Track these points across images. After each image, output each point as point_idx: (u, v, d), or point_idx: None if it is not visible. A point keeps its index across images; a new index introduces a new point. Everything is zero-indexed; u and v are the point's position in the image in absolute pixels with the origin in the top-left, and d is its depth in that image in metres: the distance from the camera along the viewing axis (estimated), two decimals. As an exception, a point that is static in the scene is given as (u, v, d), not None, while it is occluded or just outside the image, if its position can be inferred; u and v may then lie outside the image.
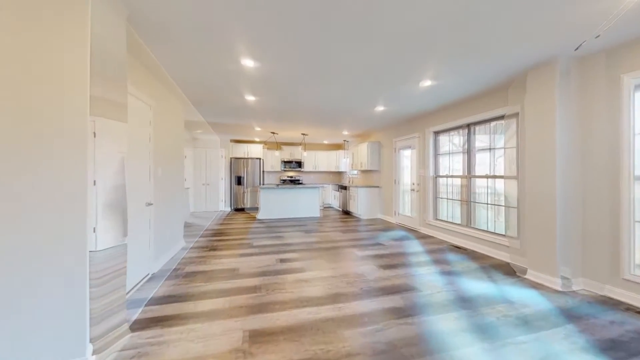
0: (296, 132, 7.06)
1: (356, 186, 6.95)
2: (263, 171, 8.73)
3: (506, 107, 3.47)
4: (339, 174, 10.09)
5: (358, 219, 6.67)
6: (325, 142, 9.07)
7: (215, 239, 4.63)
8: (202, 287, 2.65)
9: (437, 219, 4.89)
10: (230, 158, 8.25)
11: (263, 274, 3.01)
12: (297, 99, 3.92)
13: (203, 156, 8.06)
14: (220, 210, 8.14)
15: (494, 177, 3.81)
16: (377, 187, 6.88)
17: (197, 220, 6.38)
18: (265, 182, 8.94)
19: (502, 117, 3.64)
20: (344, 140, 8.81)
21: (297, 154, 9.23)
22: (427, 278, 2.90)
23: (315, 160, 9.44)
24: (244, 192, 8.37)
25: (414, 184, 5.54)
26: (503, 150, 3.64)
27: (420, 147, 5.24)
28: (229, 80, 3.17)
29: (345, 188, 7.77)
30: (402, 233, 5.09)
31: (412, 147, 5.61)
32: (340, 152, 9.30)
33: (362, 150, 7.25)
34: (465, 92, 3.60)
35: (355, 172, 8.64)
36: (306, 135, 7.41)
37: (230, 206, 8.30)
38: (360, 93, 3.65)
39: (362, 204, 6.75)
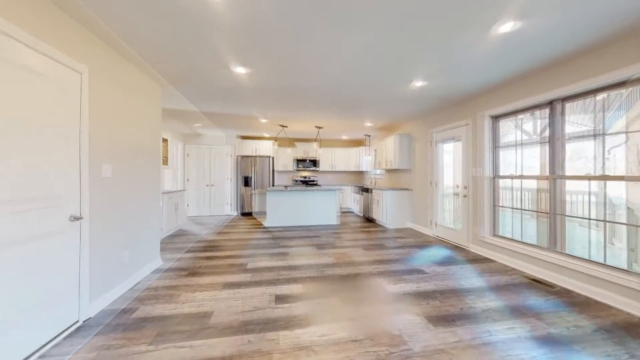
0: (309, 125, 5.98)
1: (380, 188, 5.74)
2: (273, 171, 7.76)
3: (632, 67, 2.14)
4: (360, 174, 8.88)
5: (383, 229, 5.45)
6: (344, 137, 7.91)
7: (204, 255, 3.67)
8: (140, 358, 1.64)
9: (496, 236, 3.58)
10: (237, 156, 7.35)
11: (245, 326, 1.96)
12: (302, 68, 2.82)
13: (207, 154, 7.24)
14: (225, 215, 7.28)
15: (604, 178, 2.47)
16: (407, 189, 5.61)
17: (194, 228, 5.51)
18: (275, 183, 7.97)
19: (621, 84, 2.30)
20: (366, 135, 7.60)
21: (312, 151, 8.16)
22: (516, 352, 1.68)
23: (333, 159, 8.32)
24: (251, 195, 7.44)
25: (458, 186, 4.25)
26: (624, 135, 2.30)
27: (470, 138, 3.94)
28: (197, 32, 2.15)
29: (367, 190, 6.57)
30: (444, 252, 3.83)
31: (456, 138, 4.31)
32: (361, 149, 8.10)
33: (388, 145, 6.02)
34: (561, 44, 2.31)
35: (380, 171, 7.40)
36: (321, 128, 6.31)
37: (237, 210, 7.40)
38: (394, 52, 2.48)
39: (388, 210, 5.52)
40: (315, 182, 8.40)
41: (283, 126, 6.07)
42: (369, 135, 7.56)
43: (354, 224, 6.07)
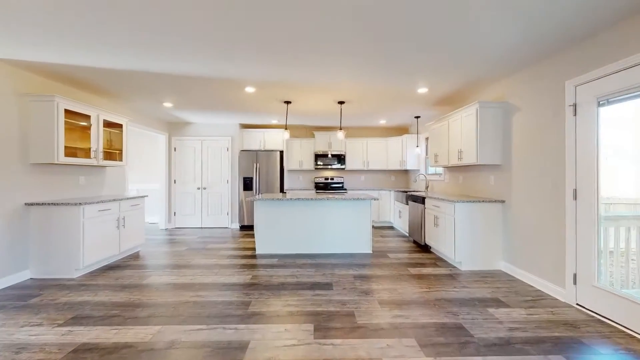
0: (326, 98, 3.86)
1: (444, 198, 3.32)
2: (283, 170, 5.79)
3: None
4: (405, 173, 6.43)
5: (451, 270, 3.05)
6: (382, 121, 5.58)
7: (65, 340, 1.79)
8: None
9: None
10: (240, 151, 5.55)
11: None
12: None
13: (197, 148, 5.57)
14: (221, 228, 5.54)
15: None
16: (498, 202, 3.10)
17: (153, 251, 3.78)
18: (286, 187, 5.98)
19: None
20: (415, 117, 5.16)
21: (337, 143, 5.99)
22: None
23: (365, 153, 6.03)
24: (253, 203, 5.56)
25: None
26: None
27: None
28: None
29: (417, 200, 4.17)
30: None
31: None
32: (407, 138, 5.68)
33: (456, 126, 3.57)
34: None
35: (440, 170, 4.93)
36: (343, 103, 4.11)
37: (237, 222, 5.60)
38: None
39: (459, 237, 3.10)
40: (340, 186, 6.20)
41: (287, 102, 4.02)
42: (418, 117, 5.11)
43: (396, 253, 3.74)
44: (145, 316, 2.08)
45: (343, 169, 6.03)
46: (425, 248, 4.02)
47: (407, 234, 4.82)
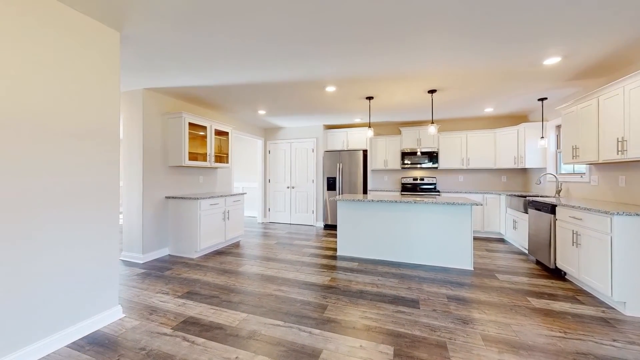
0: (414, 88, 3.42)
1: (587, 208, 2.34)
2: (365, 170, 5.57)
3: None
4: (523, 173, 5.09)
5: (605, 312, 2.12)
6: (488, 109, 4.57)
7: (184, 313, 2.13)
8: None
9: None
10: (324, 152, 5.72)
11: None
12: None
13: (287, 150, 6.05)
14: (306, 226, 5.82)
15: None
16: None
17: (250, 241, 4.28)
18: (369, 187, 5.72)
19: None
20: (540, 100, 3.97)
21: (428, 139, 5.32)
22: None
23: (464, 149, 5.10)
24: (336, 203, 5.59)
25: None
26: None
27: None
28: None
29: (544, 207, 3.16)
30: None
31: None
32: (524, 127, 4.44)
33: (623, 101, 2.49)
34: None
35: (579, 169, 3.67)
36: (434, 92, 3.55)
37: (322, 220, 5.77)
38: None
39: (620, 266, 2.11)
40: (431, 188, 5.47)
41: (369, 98, 3.80)
42: (543, 99, 3.89)
43: (509, 275, 2.93)
44: (236, 302, 2.31)
45: (435, 168, 5.29)
46: (555, 273, 3.00)
47: (526, 251, 3.75)
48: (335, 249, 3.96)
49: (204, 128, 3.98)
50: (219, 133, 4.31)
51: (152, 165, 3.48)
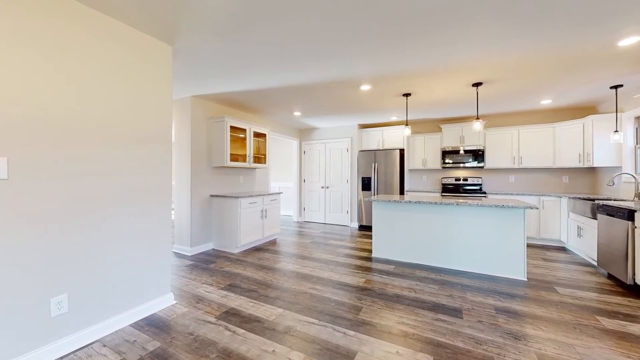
0: (455, 82, 3.21)
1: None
2: (403, 169, 5.36)
3: None
4: (591, 173, 4.45)
5: None
6: (545, 101, 4.07)
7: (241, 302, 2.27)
8: None
9: None
10: (359, 152, 5.67)
11: None
12: None
13: (322, 151, 6.10)
14: (340, 226, 5.81)
15: None
16: None
17: (286, 239, 4.41)
18: (406, 188, 5.50)
19: None
20: (613, 87, 3.42)
21: (472, 136, 4.93)
22: None
23: (515, 147, 4.63)
24: (371, 203, 5.49)
25: None
26: None
27: None
28: None
29: (619, 213, 2.72)
30: None
31: None
32: (595, 119, 3.87)
33: None
34: None
35: None
36: (480, 85, 3.27)
37: (356, 221, 5.72)
38: None
39: None
40: (477, 189, 5.06)
41: (406, 95, 3.66)
42: (618, 87, 3.33)
43: (573, 289, 2.58)
44: (273, 297, 2.39)
45: (481, 167, 4.88)
46: (634, 290, 2.56)
47: (595, 262, 3.26)
48: (370, 251, 3.89)
49: (243, 130, 4.20)
50: (257, 135, 4.52)
51: (198, 166, 3.79)
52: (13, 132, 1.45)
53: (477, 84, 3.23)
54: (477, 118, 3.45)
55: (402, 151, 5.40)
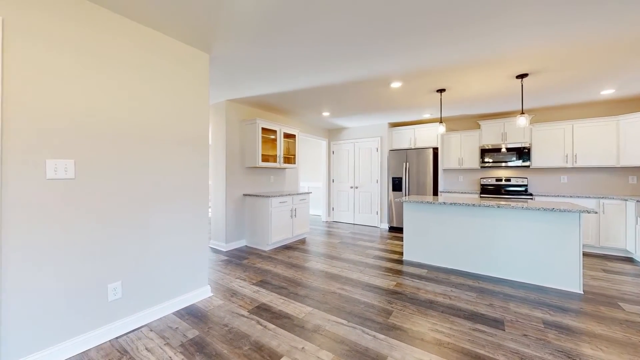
0: (496, 74, 2.98)
1: None
2: (436, 169, 5.10)
3: None
4: (662, 172, 3.83)
5: None
6: (606, 91, 3.60)
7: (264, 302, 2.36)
8: None
9: None
10: (389, 151, 5.54)
11: None
12: None
13: (351, 150, 6.06)
14: (370, 227, 5.72)
15: None
16: None
17: (315, 239, 4.45)
18: (440, 189, 5.22)
19: None
20: (694, 71, 2.90)
21: (516, 132, 4.54)
22: None
23: (568, 143, 4.15)
24: (402, 204, 5.31)
25: None
26: None
27: None
28: None
29: None
30: None
31: None
32: (671, 110, 3.31)
33: None
34: None
35: None
36: (525, 77, 2.99)
37: (386, 222, 5.59)
38: None
39: None
40: (522, 190, 4.64)
41: (440, 91, 3.48)
42: None
43: (634, 309, 2.24)
44: (302, 295, 2.43)
45: (527, 166, 4.46)
46: None
47: (671, 277, 2.80)
48: (401, 253, 3.76)
49: (274, 132, 4.33)
50: (287, 136, 4.63)
51: (232, 166, 3.99)
52: (78, 136, 1.66)
53: (521, 76, 2.96)
54: (522, 113, 3.16)
55: (435, 150, 5.14)
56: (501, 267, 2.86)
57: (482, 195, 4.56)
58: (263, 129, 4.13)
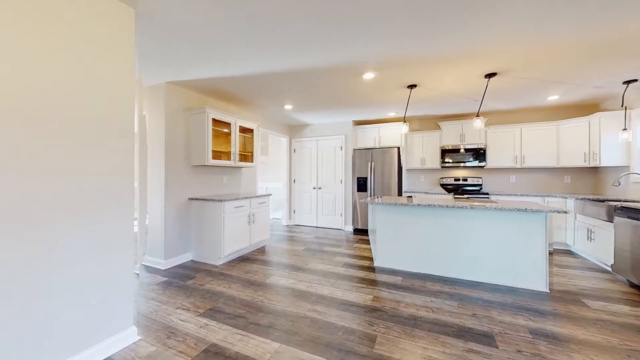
0: (468, 71, 2.90)
1: None
2: (401, 169, 5.04)
3: None
4: (593, 172, 4.31)
5: None
6: (553, 97, 3.88)
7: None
8: None
9: None
10: (354, 150, 5.29)
11: None
12: None
13: (313, 149, 5.68)
14: (334, 229, 5.41)
15: None
16: None
17: (276, 246, 3.94)
18: (404, 189, 5.19)
19: None
20: (627, 82, 3.24)
21: (473, 134, 4.69)
22: None
23: (517, 145, 4.42)
24: (367, 205, 5.13)
25: None
26: None
27: None
28: None
29: (648, 217, 2.50)
30: None
31: None
32: (603, 117, 3.71)
33: None
34: None
35: None
36: (494, 76, 2.98)
37: (351, 223, 5.34)
38: None
39: None
40: (477, 190, 4.83)
41: (411, 87, 3.31)
42: (630, 82, 3.14)
43: (603, 302, 2.32)
44: (266, 325, 1.94)
45: (482, 167, 4.65)
46: (666, 301, 2.33)
47: (608, 268, 3.06)
48: (370, 259, 3.51)
49: (227, 125, 3.70)
50: (243, 130, 4.02)
51: (174, 164, 3.25)
52: None
53: (490, 75, 2.93)
54: (477, 115, 3.16)
55: (400, 150, 5.08)
56: (474, 269, 2.78)
57: (450, 196, 4.60)
58: (214, 120, 3.47)
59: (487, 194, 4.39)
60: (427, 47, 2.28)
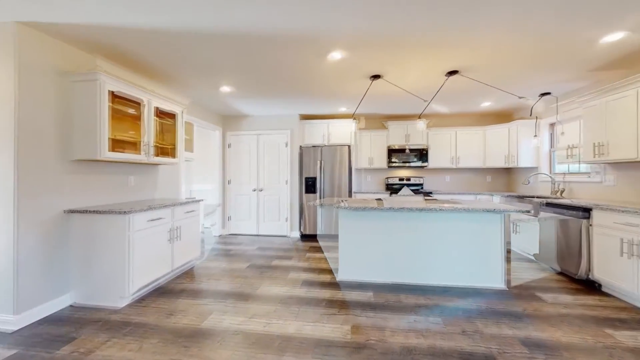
0: (433, 65, 2.78)
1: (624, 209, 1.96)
2: (350, 169, 4.78)
3: None
4: (506, 173, 4.97)
5: None
6: (485, 103, 4.24)
7: None
8: None
9: None
10: (301, 147, 4.72)
11: None
12: None
13: (254, 144, 4.87)
14: (279, 237, 4.75)
15: None
16: None
17: (207, 271, 3.04)
18: (354, 189, 4.96)
19: None
20: (541, 95, 3.72)
21: (417, 134, 4.81)
22: None
23: (453, 147, 4.74)
24: (316, 207, 4.68)
25: None
26: None
27: None
28: None
29: (569, 212, 2.81)
30: None
31: None
32: (521, 124, 4.25)
33: None
34: None
35: (584, 168, 3.51)
36: (456, 73, 2.94)
37: (298, 229, 4.77)
38: None
39: None
40: (419, 188, 4.99)
41: (374, 77, 2.99)
42: (545, 94, 3.65)
43: (551, 294, 2.47)
44: (210, 415, 1.20)
45: (424, 167, 4.82)
46: (587, 285, 2.66)
47: (532, 257, 3.44)
48: (329, 271, 3.05)
49: (137, 104, 2.60)
50: (162, 114, 2.95)
51: (38, 159, 2.02)
52: None
53: (451, 73, 2.87)
54: (420, 117, 3.15)
55: (350, 148, 4.82)
56: (440, 273, 2.66)
57: (391, 194, 4.56)
58: (115, 96, 2.35)
59: (430, 192, 4.54)
60: (407, 26, 1.94)
